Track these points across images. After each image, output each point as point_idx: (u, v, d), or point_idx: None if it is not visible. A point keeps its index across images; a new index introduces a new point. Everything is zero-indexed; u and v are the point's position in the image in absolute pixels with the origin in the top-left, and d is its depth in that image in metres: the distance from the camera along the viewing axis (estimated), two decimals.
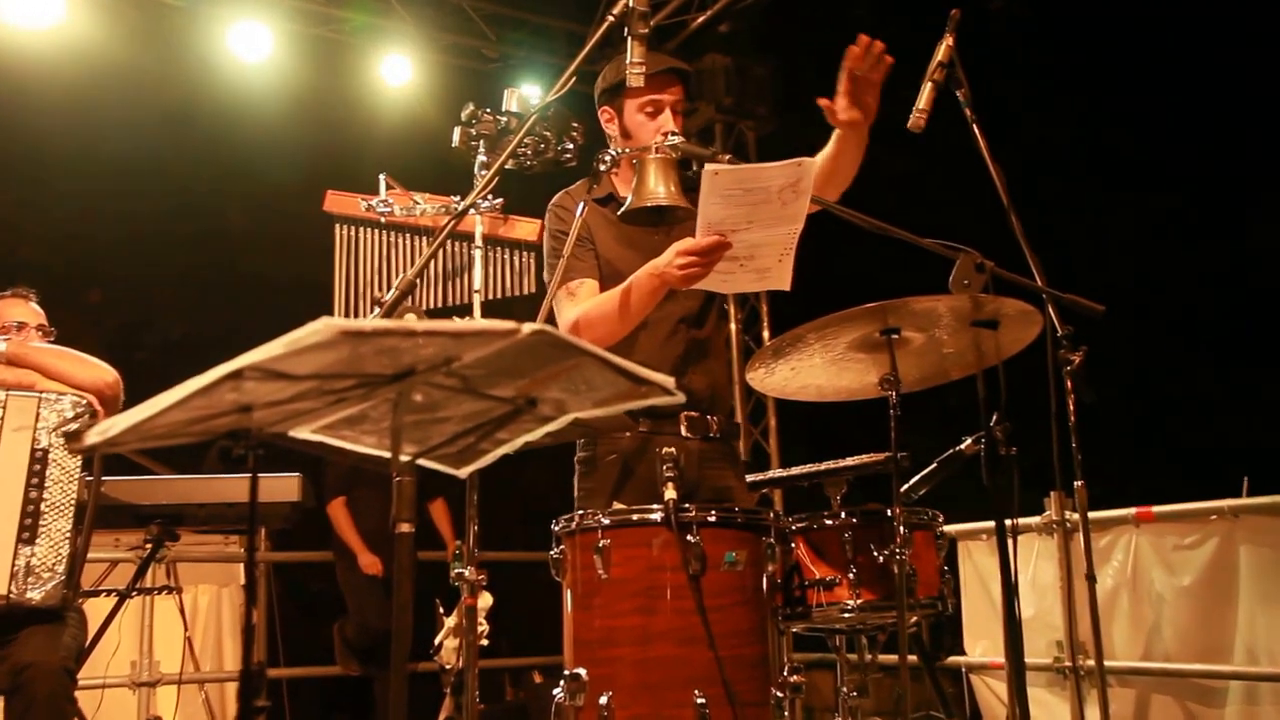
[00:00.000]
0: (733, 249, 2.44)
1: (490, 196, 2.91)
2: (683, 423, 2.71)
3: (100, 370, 3.25)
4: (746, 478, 2.89)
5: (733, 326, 7.20)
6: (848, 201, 2.64)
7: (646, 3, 2.33)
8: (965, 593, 4.79)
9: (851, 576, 2.46)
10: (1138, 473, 4.86)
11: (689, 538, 2.27)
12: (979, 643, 4.88)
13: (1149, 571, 4.27)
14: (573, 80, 2.30)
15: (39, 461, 2.95)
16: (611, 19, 2.36)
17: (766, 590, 2.38)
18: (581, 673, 2.29)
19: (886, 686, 2.81)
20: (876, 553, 2.47)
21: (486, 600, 2.49)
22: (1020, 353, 2.51)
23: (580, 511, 2.44)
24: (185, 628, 4.66)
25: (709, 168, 2.34)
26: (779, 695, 2.31)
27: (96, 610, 3.49)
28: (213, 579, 5.63)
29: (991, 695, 4.83)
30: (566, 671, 2.33)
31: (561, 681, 2.32)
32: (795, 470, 2.91)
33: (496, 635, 3.16)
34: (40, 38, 5.83)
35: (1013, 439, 2.39)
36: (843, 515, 2.53)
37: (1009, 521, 2.38)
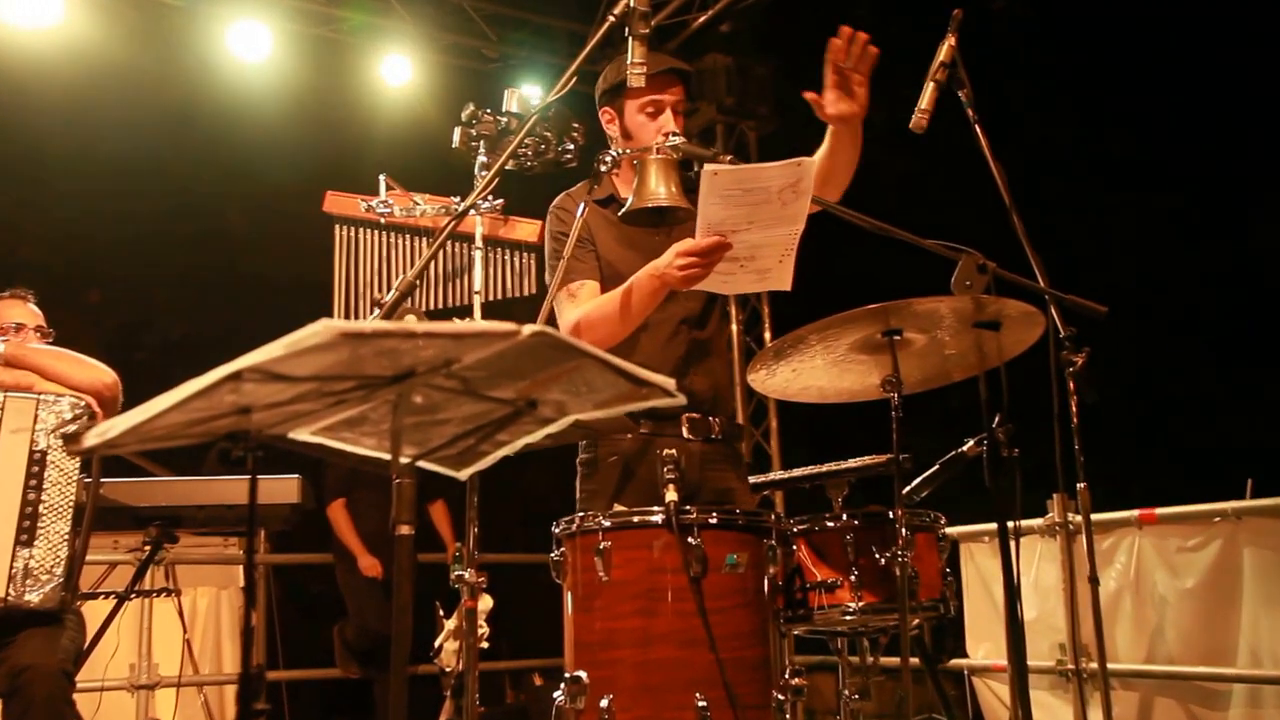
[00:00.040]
0: (733, 250, 2.43)
1: (490, 197, 2.90)
2: (684, 424, 2.70)
3: (99, 371, 3.24)
4: (749, 479, 2.88)
5: (734, 327, 7.19)
6: (849, 202, 2.63)
7: (647, 3, 2.32)
8: (967, 595, 4.78)
9: (853, 579, 2.45)
10: (1141, 474, 4.85)
11: (690, 540, 2.27)
12: (981, 645, 4.87)
13: (1152, 574, 4.26)
14: (573, 80, 2.29)
15: (37, 463, 2.94)
16: (612, 19, 2.35)
17: (768, 592, 2.37)
18: (582, 675, 2.29)
19: (888, 689, 2.81)
20: (878, 555, 2.46)
21: (487, 602, 2.48)
22: (1022, 354, 2.50)
23: (581, 513, 2.43)
24: (184, 630, 4.65)
25: (708, 168, 2.33)
26: (780, 698, 2.30)
27: (95, 612, 3.48)
28: (212, 581, 5.62)
29: (994, 698, 4.82)
30: (567, 674, 2.32)
31: (562, 684, 2.32)
32: (797, 472, 2.90)
33: (497, 637, 3.15)
34: (39, 37, 5.82)
35: (1015, 441, 2.37)
36: (844, 517, 2.52)
37: (1011, 523, 2.37)
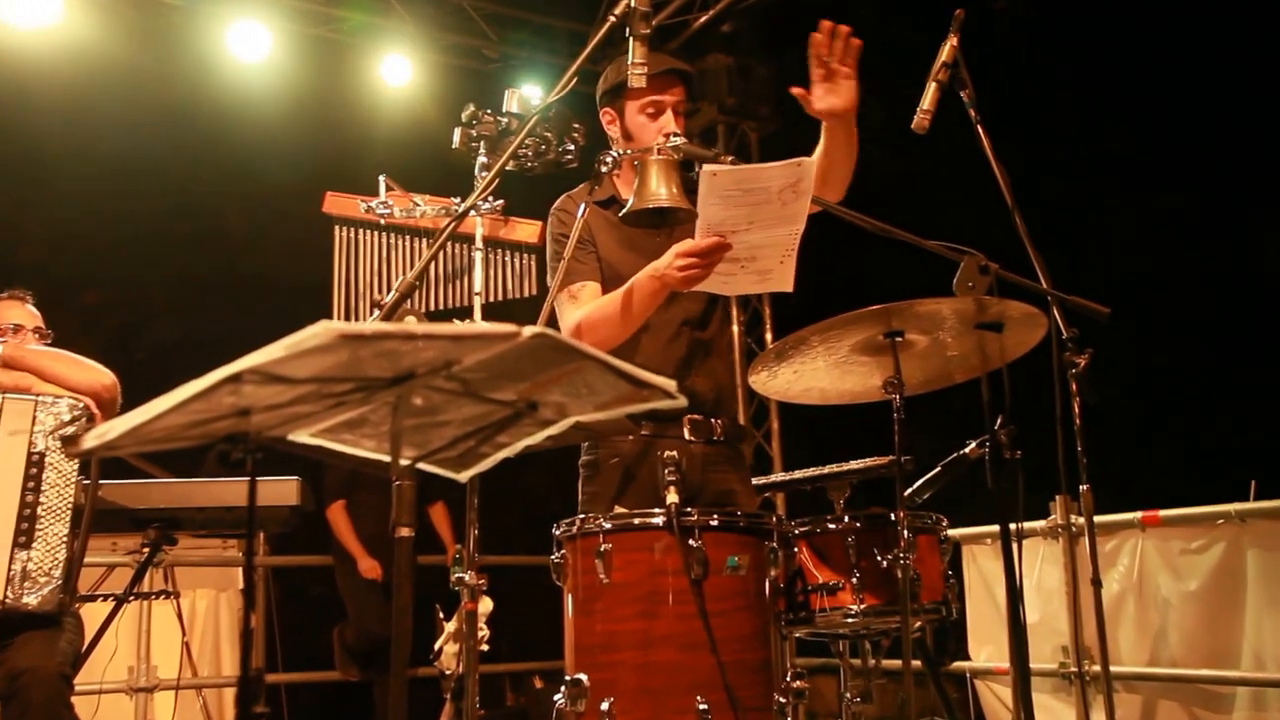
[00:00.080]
0: (733, 250, 2.42)
1: (491, 198, 2.89)
2: (686, 426, 2.70)
3: (97, 373, 3.23)
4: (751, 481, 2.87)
5: (735, 329, 7.17)
6: (851, 203, 2.63)
7: (648, 3, 2.32)
8: (970, 597, 4.77)
9: (855, 581, 2.45)
10: (1144, 476, 4.84)
11: (691, 542, 2.26)
12: (984, 648, 4.85)
13: (1155, 576, 4.25)
14: (574, 81, 2.29)
15: (35, 465, 2.93)
16: (613, 19, 2.35)
17: (769, 595, 2.37)
18: (583, 678, 2.28)
19: (890, 692, 2.80)
20: (880, 557, 2.45)
21: (487, 605, 2.47)
22: (1025, 355, 2.49)
23: (581, 515, 2.43)
24: (183, 632, 4.64)
25: (707, 168, 2.33)
26: (782, 701, 2.30)
27: (93, 615, 3.46)
28: (211, 583, 5.61)
29: (996, 701, 4.81)
30: (568, 677, 2.32)
31: (562, 687, 2.32)
32: (798, 474, 2.90)
33: (497, 640, 3.14)
34: (38, 37, 5.81)
35: (1017, 442, 2.37)
36: (846, 519, 2.52)
37: (1014, 525, 2.37)
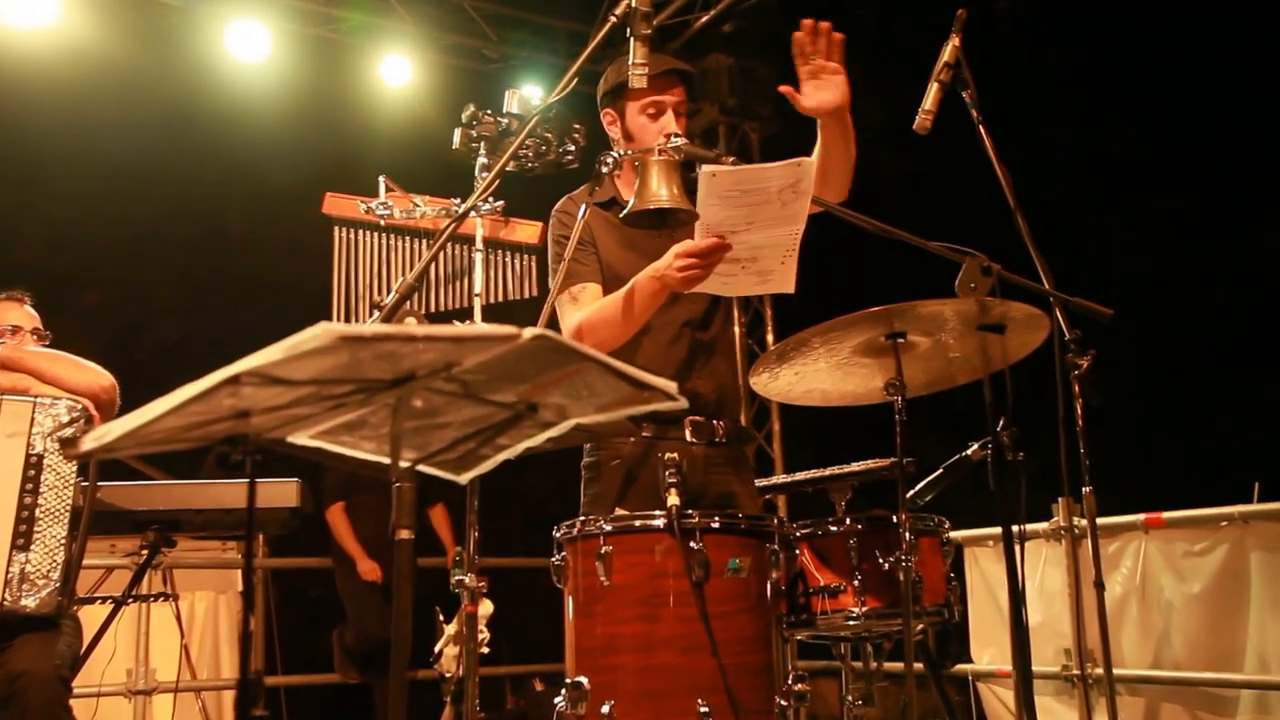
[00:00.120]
0: (734, 251, 2.42)
1: (491, 199, 2.88)
2: (687, 428, 2.69)
3: (96, 374, 3.22)
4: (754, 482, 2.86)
5: (736, 330, 7.16)
6: (852, 203, 2.62)
7: (649, 3, 2.31)
8: (972, 600, 4.76)
9: (856, 583, 2.45)
10: (1147, 478, 4.83)
11: (692, 544, 2.25)
12: (986, 650, 4.84)
13: (1158, 578, 4.24)
14: (575, 81, 2.28)
15: (34, 467, 2.92)
16: (614, 19, 2.34)
17: (770, 597, 2.36)
18: (583, 681, 2.28)
19: (892, 695, 2.79)
20: (882, 559, 2.45)
21: (487, 607, 2.46)
22: (1027, 357, 2.49)
23: (582, 518, 2.42)
24: (182, 635, 4.62)
25: (706, 169, 2.32)
26: (783, 704, 2.29)
27: (92, 617, 3.45)
28: (210, 586, 5.60)
29: (999, 703, 4.81)
30: (568, 679, 2.31)
31: (563, 690, 2.31)
32: (800, 476, 2.89)
33: (497, 642, 3.13)
34: (36, 37, 5.80)
35: (1020, 444, 2.37)
36: (848, 521, 2.51)
37: (1016, 528, 2.37)
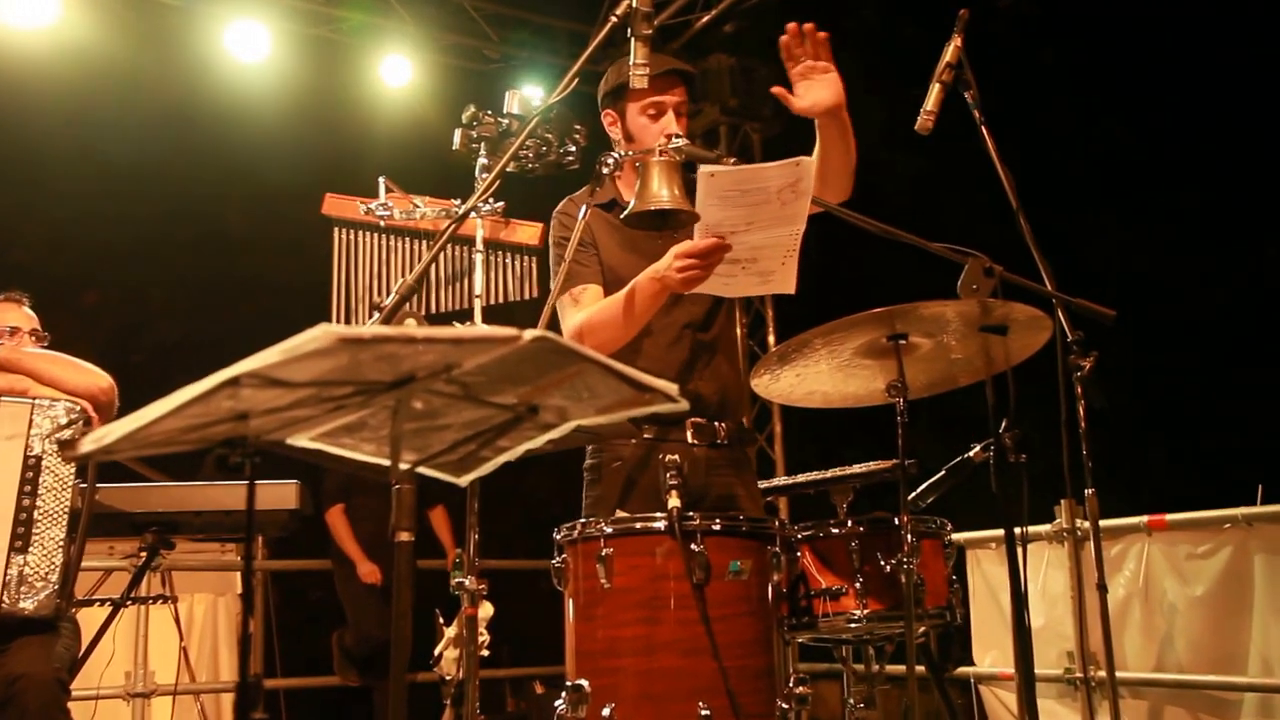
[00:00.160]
0: (734, 251, 2.42)
1: (491, 200, 2.87)
2: (689, 429, 2.68)
3: (95, 376, 3.21)
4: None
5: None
6: (854, 204, 2.62)
7: (650, 3, 2.30)
8: (974, 602, 4.75)
9: (858, 586, 2.44)
10: (1149, 480, 4.82)
11: (693, 547, 2.25)
12: (988, 653, 4.83)
13: (1161, 581, 4.23)
14: (575, 81, 2.28)
15: (32, 469, 2.91)
16: (614, 19, 2.33)
17: (772, 600, 2.35)
18: (584, 684, 2.27)
19: (894, 698, 2.78)
20: (884, 562, 2.45)
21: (487, 610, 2.44)
22: (1030, 358, 2.48)
23: (583, 520, 2.41)
24: (181, 638, 4.61)
25: (704, 169, 2.32)
26: (784, 707, 2.29)
27: (90, 620, 3.44)
28: (209, 588, 5.58)
29: (1001, 706, 4.80)
30: (569, 682, 2.31)
31: (563, 693, 2.30)
32: (801, 478, 2.89)
33: (497, 645, 3.12)
34: (35, 38, 5.80)
35: (1022, 446, 2.36)
36: (849, 523, 2.51)
37: (1018, 530, 2.36)
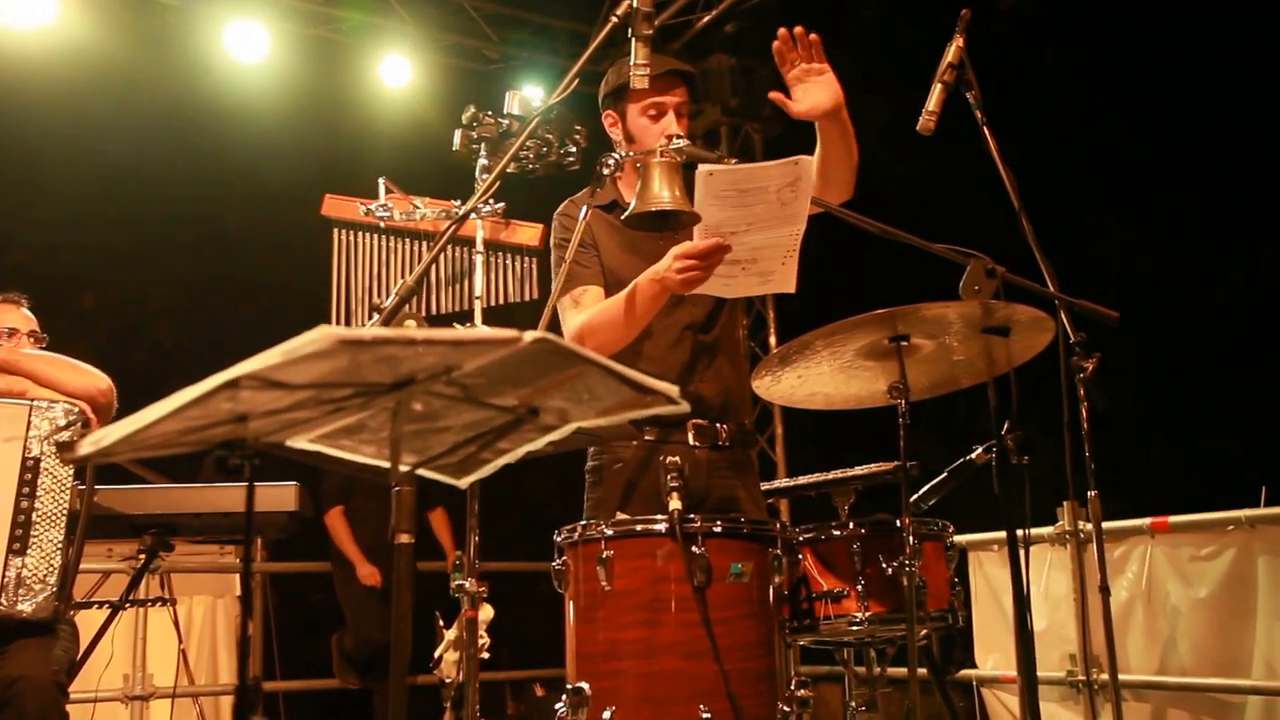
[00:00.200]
0: (734, 252, 2.42)
1: (492, 201, 2.86)
2: (690, 431, 2.67)
3: (93, 377, 3.21)
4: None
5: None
6: (855, 205, 2.61)
7: (650, 3, 2.30)
8: (976, 605, 4.74)
9: (860, 588, 2.44)
10: (1152, 482, 4.81)
11: (694, 549, 2.24)
12: (990, 655, 4.83)
13: (1164, 583, 4.22)
14: (576, 82, 2.27)
15: (30, 470, 2.91)
16: (615, 19, 2.32)
17: (773, 602, 2.35)
18: (584, 687, 2.26)
19: (896, 700, 2.77)
20: (885, 564, 2.44)
21: (487, 612, 2.44)
22: (1032, 360, 2.47)
23: (583, 522, 2.41)
24: (180, 640, 4.59)
25: (702, 169, 2.32)
26: (786, 709, 2.28)
27: (89, 622, 3.43)
28: (208, 590, 5.57)
29: (1003, 709, 4.79)
30: (569, 685, 2.30)
31: (564, 695, 2.29)
32: (802, 480, 2.88)
33: (497, 648, 3.12)
34: (33, 38, 5.79)
35: (1024, 448, 2.36)
36: (851, 526, 2.50)
37: (1021, 532, 2.36)
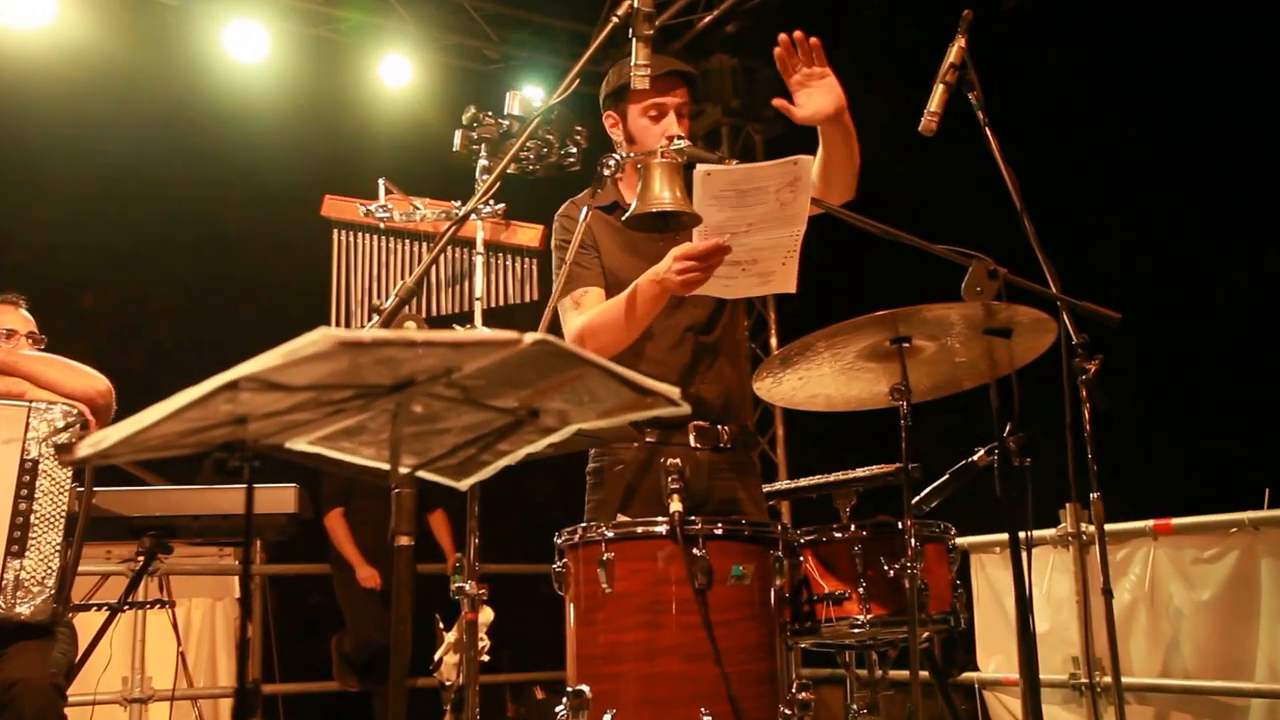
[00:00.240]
0: (734, 253, 2.41)
1: (492, 201, 2.86)
2: (691, 433, 2.67)
3: (92, 379, 3.20)
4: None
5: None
6: (857, 206, 2.60)
7: (651, 3, 2.29)
8: (978, 607, 4.74)
9: (861, 591, 2.43)
10: (1155, 484, 4.81)
11: (695, 551, 2.24)
12: (993, 658, 4.83)
13: (1167, 585, 4.22)
14: (576, 82, 2.26)
15: (28, 472, 2.90)
16: (616, 20, 2.32)
17: (774, 604, 2.34)
18: (585, 689, 2.26)
19: (898, 703, 2.76)
20: (887, 566, 2.44)
21: (487, 615, 2.44)
22: (1034, 361, 2.47)
23: (584, 524, 2.40)
24: (179, 642, 4.59)
25: (700, 169, 2.31)
26: (787, 712, 2.27)
27: (87, 625, 3.43)
28: (207, 592, 5.56)
29: (1005, 712, 4.79)
30: (569, 688, 2.29)
31: (564, 698, 2.29)
32: (803, 481, 2.88)
33: (497, 650, 3.11)
34: (32, 38, 5.78)
35: (1027, 450, 2.36)
36: (852, 528, 2.50)
37: (1023, 534, 2.35)
